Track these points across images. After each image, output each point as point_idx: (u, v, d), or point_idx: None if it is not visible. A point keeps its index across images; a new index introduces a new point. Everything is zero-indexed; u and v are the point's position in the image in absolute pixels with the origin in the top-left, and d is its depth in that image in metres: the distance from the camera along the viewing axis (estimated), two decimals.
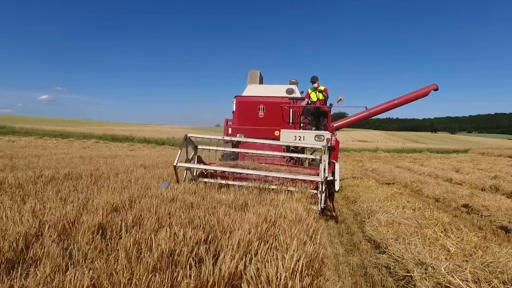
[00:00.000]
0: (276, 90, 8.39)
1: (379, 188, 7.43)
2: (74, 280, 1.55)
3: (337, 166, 5.50)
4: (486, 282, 2.30)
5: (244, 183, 5.12)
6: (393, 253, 3.28)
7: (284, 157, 7.03)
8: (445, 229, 3.92)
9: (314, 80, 8.01)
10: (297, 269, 1.73)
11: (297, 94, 8.32)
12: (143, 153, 19.05)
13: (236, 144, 8.04)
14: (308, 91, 8.13)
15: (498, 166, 17.94)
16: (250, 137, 7.29)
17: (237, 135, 7.99)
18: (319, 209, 4.66)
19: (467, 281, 2.32)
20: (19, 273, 1.73)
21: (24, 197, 3.80)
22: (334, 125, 8.63)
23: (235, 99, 8.35)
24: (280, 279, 1.58)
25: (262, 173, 5.10)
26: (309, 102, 8.05)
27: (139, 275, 1.63)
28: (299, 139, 6.77)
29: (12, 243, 2.03)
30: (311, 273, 1.84)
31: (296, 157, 6.69)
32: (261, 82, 9.41)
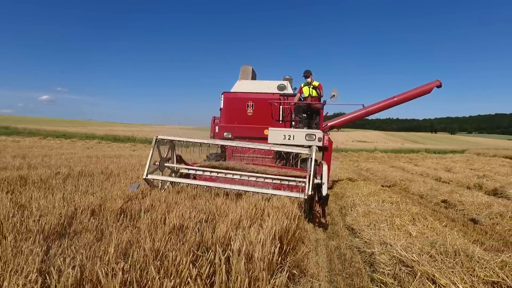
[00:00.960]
0: (267, 86, 7.98)
1: (367, 186, 8.04)
2: (117, 238, 2.16)
3: (324, 168, 4.99)
4: (427, 254, 2.91)
5: (226, 186, 4.87)
6: (364, 237, 3.90)
7: (273, 158, 6.95)
8: (413, 218, 4.54)
9: (307, 74, 7.51)
10: (272, 234, 2.35)
11: (289, 90, 7.89)
12: (145, 153, 19.70)
13: (224, 147, 7.57)
14: (300, 86, 7.67)
15: (490, 166, 18.43)
16: (238, 136, 7.24)
17: (224, 133, 7.62)
18: (305, 196, 4.28)
19: (412, 253, 2.93)
20: (66, 240, 2.34)
21: (50, 190, 4.42)
22: (329, 123, 8.29)
23: (222, 95, 7.91)
24: (258, 241, 2.20)
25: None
26: (302, 98, 7.57)
27: (159, 237, 2.25)
28: (289, 139, 6.40)
29: (58, 221, 2.65)
30: (285, 241, 2.46)
31: (286, 158, 6.58)
32: (253, 78, 8.98)
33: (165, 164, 5.74)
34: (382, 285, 2.76)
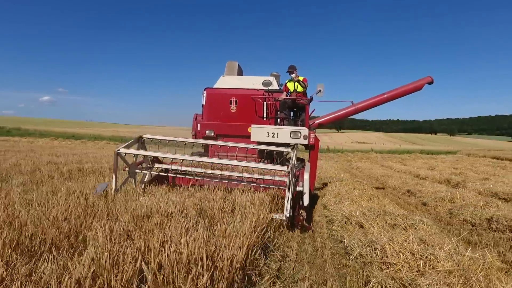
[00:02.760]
0: (252, 82, 7.74)
1: (347, 178, 9.76)
2: (184, 190, 3.91)
3: (306, 176, 4.72)
4: (362, 213, 4.62)
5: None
6: (330, 209, 5.62)
7: (257, 156, 6.96)
8: (369, 198, 6.24)
9: (291, 69, 7.27)
10: (265, 195, 4.08)
11: (275, 86, 7.67)
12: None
13: (206, 146, 7.38)
14: (285, 83, 7.45)
15: (473, 165, 19.80)
16: (221, 134, 7.32)
17: (206, 131, 7.39)
18: (285, 218, 4.14)
19: (353, 213, 4.65)
20: (145, 196, 4.08)
21: (110, 176, 6.14)
22: (316, 121, 8.11)
23: (205, 92, 7.67)
24: (258, 196, 3.92)
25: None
26: (288, 95, 7.31)
27: (204, 193, 4.01)
28: (273, 136, 6.28)
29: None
30: (271, 201, 4.20)
31: (270, 156, 6.70)
32: (239, 74, 8.73)
33: (136, 170, 5.46)
34: (333, 230, 4.48)
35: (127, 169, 5.24)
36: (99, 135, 45.40)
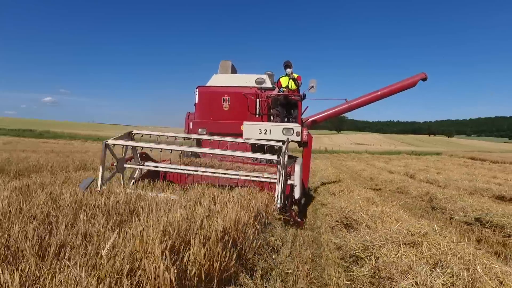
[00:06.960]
0: (245, 80, 7.82)
1: (330, 170, 14.31)
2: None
3: (297, 168, 4.86)
4: (330, 180, 9.14)
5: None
6: (316, 185, 10.15)
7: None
8: (338, 180, 10.75)
9: (288, 64, 7.31)
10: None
11: (268, 84, 7.65)
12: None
13: (199, 142, 7.35)
14: (279, 78, 7.45)
15: (445, 164, 23.54)
16: (213, 132, 7.13)
17: (199, 130, 7.46)
18: (275, 208, 4.35)
19: (328, 180, 9.19)
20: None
21: None
22: (310, 119, 8.12)
23: (197, 90, 7.74)
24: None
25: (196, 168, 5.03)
26: (281, 91, 7.30)
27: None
28: (265, 133, 6.36)
29: None
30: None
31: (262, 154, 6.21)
32: (233, 73, 8.81)
33: (125, 165, 5.29)
34: (316, 194, 8.97)
35: (115, 164, 5.12)
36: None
